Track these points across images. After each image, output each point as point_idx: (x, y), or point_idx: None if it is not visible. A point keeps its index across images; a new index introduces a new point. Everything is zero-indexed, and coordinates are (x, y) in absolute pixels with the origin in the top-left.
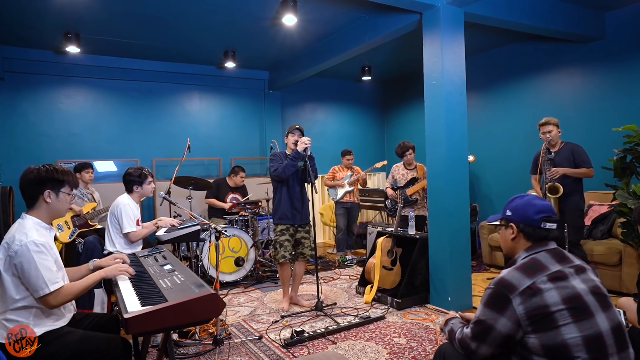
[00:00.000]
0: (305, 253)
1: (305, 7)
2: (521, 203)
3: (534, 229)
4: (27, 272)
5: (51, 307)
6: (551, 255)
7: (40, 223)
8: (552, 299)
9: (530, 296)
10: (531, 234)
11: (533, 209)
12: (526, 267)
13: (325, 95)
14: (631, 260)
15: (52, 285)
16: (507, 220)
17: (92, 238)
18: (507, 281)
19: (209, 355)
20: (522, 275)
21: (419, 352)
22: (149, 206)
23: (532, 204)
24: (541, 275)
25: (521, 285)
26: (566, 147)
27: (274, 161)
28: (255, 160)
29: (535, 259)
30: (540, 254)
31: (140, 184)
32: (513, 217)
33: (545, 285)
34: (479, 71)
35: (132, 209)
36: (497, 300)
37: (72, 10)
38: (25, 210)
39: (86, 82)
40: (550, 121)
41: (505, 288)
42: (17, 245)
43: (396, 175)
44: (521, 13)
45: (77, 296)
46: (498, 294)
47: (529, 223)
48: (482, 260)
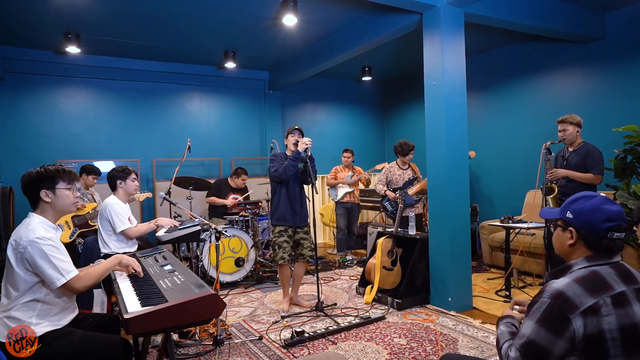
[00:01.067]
0: (304, 254)
1: (305, 7)
2: (587, 206)
3: (598, 238)
4: (40, 265)
5: (76, 292)
6: (616, 271)
7: (46, 222)
8: (609, 325)
9: (591, 317)
10: (595, 243)
11: (600, 215)
12: (588, 282)
13: (325, 95)
14: (631, 260)
15: (67, 274)
16: (567, 223)
17: (91, 238)
18: (566, 296)
19: (209, 355)
20: (583, 292)
21: (419, 352)
22: (149, 206)
23: (600, 209)
24: (604, 295)
25: (583, 303)
26: (583, 147)
27: (274, 161)
28: (255, 161)
29: (598, 273)
30: (602, 267)
31: (124, 179)
32: (574, 221)
33: (607, 308)
34: (479, 71)
35: (120, 207)
36: (554, 320)
37: (72, 10)
38: (28, 211)
39: (86, 82)
40: (567, 119)
41: (565, 305)
42: (25, 242)
43: (391, 176)
44: (521, 13)
45: (98, 280)
46: (556, 311)
47: (593, 231)
48: (482, 260)
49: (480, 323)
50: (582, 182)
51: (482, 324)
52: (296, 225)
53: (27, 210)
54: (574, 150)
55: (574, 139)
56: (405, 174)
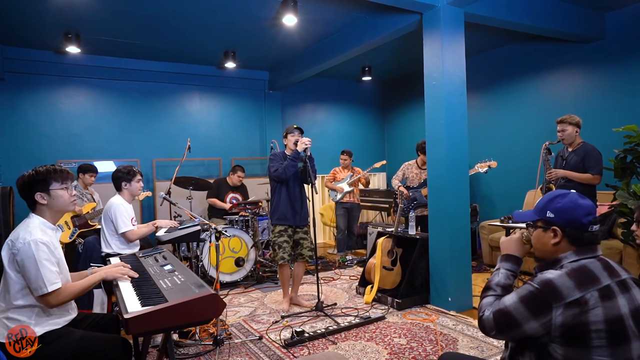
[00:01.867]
0: (304, 254)
1: (305, 7)
2: (566, 203)
3: (582, 233)
4: (27, 270)
5: (50, 307)
6: (602, 265)
7: (45, 222)
8: (596, 317)
9: (574, 310)
10: (579, 238)
11: (581, 210)
12: (578, 275)
13: (325, 95)
14: (631, 260)
15: (50, 286)
16: (548, 223)
17: (91, 238)
18: (555, 287)
19: (209, 355)
20: (573, 285)
21: (419, 352)
22: (149, 206)
23: (579, 204)
24: (592, 289)
25: (569, 296)
26: (582, 148)
27: (274, 161)
28: (255, 160)
29: (586, 267)
30: (590, 260)
31: (129, 181)
32: (556, 220)
33: (594, 302)
34: (479, 71)
35: (125, 209)
36: (536, 303)
37: (72, 10)
38: (28, 211)
39: (86, 82)
40: (566, 119)
41: (551, 294)
42: (20, 243)
43: (408, 173)
44: (521, 13)
45: (76, 296)
46: (540, 297)
47: (576, 227)
48: (482, 260)
49: None
50: (580, 182)
51: None
52: (296, 224)
53: (27, 210)
54: (573, 150)
55: (573, 139)
56: (423, 175)
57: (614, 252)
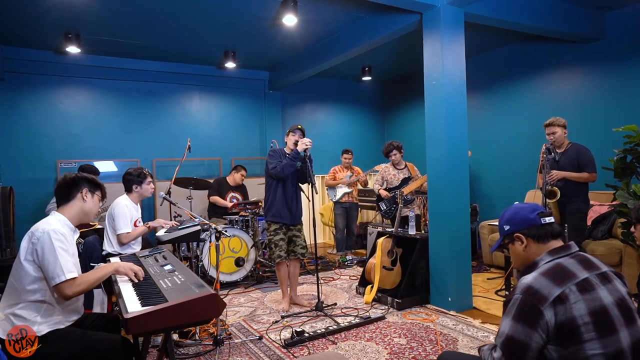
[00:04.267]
0: (296, 251)
1: (305, 7)
2: (511, 211)
3: (538, 228)
4: (46, 258)
5: (65, 297)
6: (577, 260)
7: (66, 221)
8: (579, 310)
9: (560, 306)
10: (539, 234)
11: (525, 210)
12: (553, 273)
13: (325, 95)
14: (631, 260)
15: (68, 273)
16: (510, 234)
17: (91, 238)
18: (535, 289)
19: (209, 355)
20: (550, 283)
21: (419, 352)
22: (149, 206)
23: (520, 207)
24: (569, 283)
25: (551, 294)
26: (572, 148)
27: (273, 157)
28: (255, 160)
29: (561, 265)
30: (564, 258)
31: (140, 184)
32: (514, 228)
33: (574, 295)
34: (479, 71)
35: (129, 210)
36: (527, 313)
37: (72, 10)
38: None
39: (86, 82)
40: (555, 122)
41: (535, 297)
42: (39, 232)
43: (386, 176)
44: (521, 13)
45: (91, 286)
46: (528, 305)
47: (530, 224)
48: (482, 260)
49: (480, 323)
50: (579, 182)
51: (482, 324)
52: (291, 222)
53: (28, 210)
54: (563, 151)
55: (562, 141)
56: (401, 174)
57: (614, 252)
